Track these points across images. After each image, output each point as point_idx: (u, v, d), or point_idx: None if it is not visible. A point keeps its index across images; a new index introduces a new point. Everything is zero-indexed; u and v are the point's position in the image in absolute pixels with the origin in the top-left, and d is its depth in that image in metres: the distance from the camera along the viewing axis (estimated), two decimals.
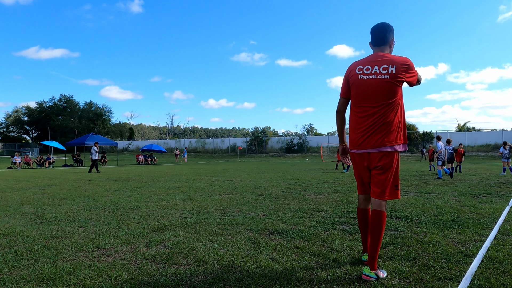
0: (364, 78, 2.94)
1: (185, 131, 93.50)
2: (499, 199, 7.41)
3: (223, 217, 5.52)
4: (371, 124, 2.91)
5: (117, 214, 5.86)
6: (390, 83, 2.86)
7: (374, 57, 3.00)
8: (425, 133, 46.39)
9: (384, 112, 2.88)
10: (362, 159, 3.03)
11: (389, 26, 3.06)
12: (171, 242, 4.04)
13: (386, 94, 2.87)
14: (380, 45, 3.05)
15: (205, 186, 10.57)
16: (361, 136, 2.96)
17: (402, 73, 2.88)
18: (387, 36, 3.04)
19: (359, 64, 3.02)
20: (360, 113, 2.97)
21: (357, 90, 2.99)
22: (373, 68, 2.93)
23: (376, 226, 2.90)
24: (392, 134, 2.90)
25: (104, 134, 67.91)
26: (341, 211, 6.00)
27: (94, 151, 20.51)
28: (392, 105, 2.89)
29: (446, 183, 11.21)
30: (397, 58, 2.92)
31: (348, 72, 3.08)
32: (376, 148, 2.91)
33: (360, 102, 2.98)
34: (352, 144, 3.07)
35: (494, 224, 4.83)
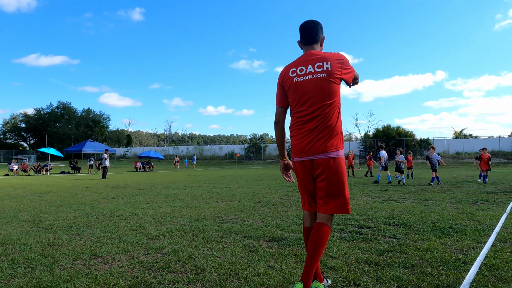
0: (300, 80, 2.69)
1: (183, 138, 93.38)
2: (496, 206, 7.43)
3: (221, 225, 5.50)
4: (313, 128, 2.64)
5: (115, 222, 5.84)
6: (328, 81, 2.63)
7: (306, 56, 2.75)
8: (422, 140, 46.52)
9: (325, 114, 2.63)
10: (305, 167, 2.71)
11: (319, 23, 2.84)
12: (169, 249, 4.03)
13: (325, 94, 2.63)
14: (311, 43, 2.80)
15: (203, 193, 10.54)
16: (302, 142, 2.68)
17: (338, 69, 2.65)
18: (318, 34, 2.81)
19: (292, 66, 2.77)
20: (301, 118, 2.70)
21: (294, 94, 2.72)
22: (307, 68, 2.69)
23: (318, 242, 2.56)
24: (335, 138, 2.65)
25: (102, 141, 67.75)
26: (339, 218, 5.99)
27: (104, 158, 21.18)
28: (333, 106, 2.65)
29: (444, 189, 11.23)
30: (330, 54, 2.69)
31: (281, 77, 2.81)
32: (320, 154, 2.62)
33: (299, 106, 2.71)
34: (294, 151, 2.77)
35: (491, 231, 4.84)
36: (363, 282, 2.97)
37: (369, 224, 5.42)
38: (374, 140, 48.28)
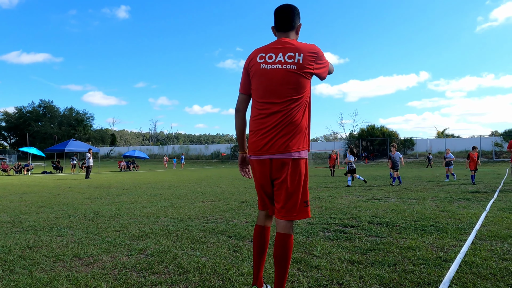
0: (267, 68, 2.43)
1: (169, 137, 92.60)
2: (476, 204, 7.59)
3: (206, 225, 5.48)
4: (275, 125, 2.38)
5: (97, 222, 5.75)
6: (297, 75, 2.38)
7: (278, 43, 2.49)
8: (406, 140, 47.26)
9: (290, 110, 2.38)
10: (264, 167, 2.45)
11: (297, 9, 2.57)
12: (152, 250, 3.98)
13: (292, 88, 2.39)
14: (286, 30, 2.55)
15: (188, 193, 10.48)
16: (262, 139, 2.41)
17: (311, 63, 2.41)
18: (294, 20, 2.55)
19: (261, 51, 2.50)
20: (262, 111, 2.43)
21: (259, 82, 2.46)
22: (277, 56, 2.42)
23: (283, 253, 2.39)
24: (299, 137, 2.42)
25: (85, 140, 66.70)
26: (323, 217, 6.03)
27: (87, 158, 20.95)
28: (300, 102, 2.41)
29: (427, 188, 11.42)
30: (304, 46, 2.45)
31: (248, 61, 2.54)
32: (281, 153, 2.38)
33: (262, 97, 2.45)
34: (252, 149, 2.48)
35: (471, 229, 4.94)
36: (346, 281, 2.99)
37: (353, 223, 5.47)
38: (359, 140, 48.82)
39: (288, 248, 2.40)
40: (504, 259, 3.53)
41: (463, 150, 42.97)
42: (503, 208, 6.93)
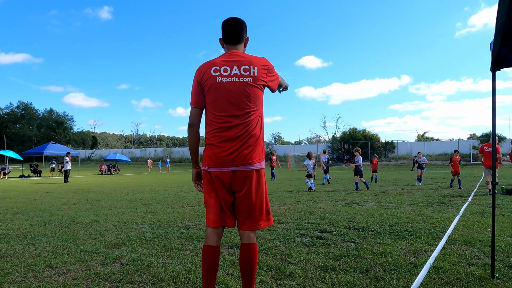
0: (224, 81, 2.43)
1: (151, 140, 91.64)
2: (451, 208, 7.79)
3: (184, 231, 5.46)
4: (237, 137, 2.40)
5: (73, 230, 5.67)
6: (253, 87, 2.44)
7: (231, 56, 2.51)
8: (387, 143, 48.02)
9: (250, 122, 2.43)
10: (225, 179, 2.43)
11: (244, 22, 2.61)
12: (128, 259, 3.96)
13: (250, 100, 2.44)
14: (235, 43, 2.58)
15: (169, 198, 10.41)
16: (224, 151, 2.40)
17: (264, 75, 2.49)
18: (242, 34, 2.59)
19: (214, 64, 2.48)
20: (222, 124, 2.43)
21: (216, 96, 2.44)
22: (232, 69, 2.44)
23: (251, 263, 2.44)
24: (259, 148, 2.48)
25: (65, 143, 65.35)
26: (301, 222, 6.10)
27: (65, 161, 20.61)
28: (257, 114, 2.47)
29: (405, 192, 11.65)
30: (256, 59, 2.52)
31: (201, 74, 2.49)
32: (244, 165, 2.41)
33: (221, 110, 2.44)
34: (212, 161, 2.44)
35: (444, 234, 5.07)
36: None
37: (330, 228, 5.55)
38: (341, 143, 49.35)
39: (255, 257, 2.46)
40: (471, 264, 3.65)
41: (442, 153, 43.96)
42: (476, 212, 7.14)
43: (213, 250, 2.44)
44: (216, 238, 2.48)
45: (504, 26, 2.25)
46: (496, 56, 2.92)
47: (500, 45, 2.70)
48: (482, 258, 3.85)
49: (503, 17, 2.07)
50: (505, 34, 2.57)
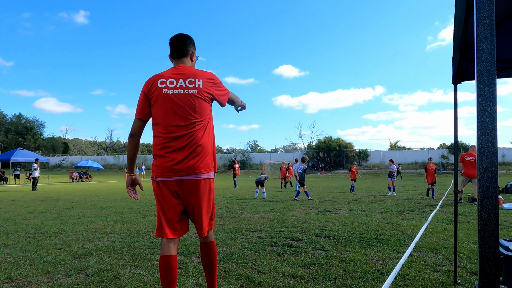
0: (169, 93, 2.53)
1: (125, 147, 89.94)
2: (420, 215, 8.00)
3: (154, 240, 5.36)
4: (183, 147, 2.49)
5: (38, 240, 5.46)
6: (198, 99, 2.55)
7: (177, 69, 2.63)
8: (361, 151, 48.96)
9: (195, 133, 2.52)
10: (173, 188, 2.51)
11: (190, 38, 2.77)
12: (93, 269, 3.84)
13: (196, 111, 2.54)
14: (180, 57, 2.72)
15: (141, 206, 10.21)
16: (171, 160, 2.48)
17: (210, 88, 2.61)
18: (187, 48, 2.73)
19: (161, 77, 2.60)
20: (168, 135, 2.51)
21: (162, 107, 2.54)
22: (178, 82, 2.56)
23: (211, 258, 2.69)
24: (206, 158, 2.56)
25: (35, 150, 63.21)
26: (274, 231, 6.10)
27: (33, 168, 19.99)
28: (202, 124, 2.56)
29: (377, 200, 11.88)
30: (202, 72, 2.65)
31: (147, 86, 2.61)
32: (191, 175, 2.49)
33: (166, 121, 2.53)
34: (160, 171, 2.51)
35: (411, 241, 5.19)
36: None
37: (301, 237, 5.57)
38: (316, 151, 49.94)
39: (215, 254, 2.73)
40: (436, 271, 3.74)
41: (414, 161, 45.18)
42: (443, 219, 7.36)
43: (166, 259, 2.46)
44: (169, 247, 2.48)
45: (462, 42, 2.36)
46: (457, 69, 3.05)
47: (460, 59, 2.82)
48: (447, 265, 3.96)
49: (459, 34, 2.16)
50: (464, 49, 2.69)
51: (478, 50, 1.08)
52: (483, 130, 1.09)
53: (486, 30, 1.07)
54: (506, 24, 2.30)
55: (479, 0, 1.10)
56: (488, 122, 1.09)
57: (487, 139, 1.08)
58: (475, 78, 1.11)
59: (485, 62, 1.07)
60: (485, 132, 1.09)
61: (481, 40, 1.08)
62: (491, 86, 1.08)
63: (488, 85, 1.08)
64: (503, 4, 2.03)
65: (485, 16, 1.08)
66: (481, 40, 1.07)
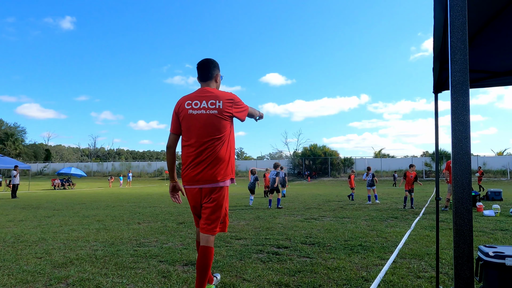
0: (194, 113, 2.97)
1: (110, 154, 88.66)
2: (403, 222, 8.10)
3: (138, 249, 5.29)
4: (202, 160, 2.91)
5: (17, 249, 5.32)
6: (218, 118, 2.94)
7: (202, 92, 3.05)
8: (346, 159, 49.40)
9: (214, 147, 2.91)
10: (195, 194, 3.00)
11: (214, 62, 3.15)
12: (75, 279, 3.76)
13: (215, 129, 2.93)
14: (205, 80, 3.11)
15: (125, 214, 10.07)
16: (193, 171, 2.93)
17: (229, 108, 2.98)
18: (211, 72, 3.11)
19: (188, 99, 3.04)
20: (191, 148, 2.95)
21: (187, 125, 2.99)
22: (201, 103, 2.97)
23: (203, 263, 2.90)
24: (222, 169, 2.95)
25: (15, 156, 61.80)
26: (259, 238, 6.09)
27: (13, 175, 19.60)
28: (222, 140, 2.95)
29: (361, 207, 11.98)
30: (222, 94, 3.01)
31: (178, 107, 3.07)
32: (208, 184, 2.93)
33: (191, 137, 2.96)
34: (186, 180, 3.00)
35: (395, 248, 5.25)
36: None
37: (287, 244, 5.58)
38: (302, 159, 50.16)
39: (210, 260, 2.93)
40: (419, 277, 3.79)
41: (398, 169, 45.77)
42: (426, 226, 7.46)
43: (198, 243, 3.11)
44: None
45: (441, 53, 2.42)
46: (437, 79, 3.12)
47: (440, 69, 2.89)
48: (429, 271, 4.01)
49: (439, 46, 2.22)
50: (443, 60, 2.76)
51: (452, 61, 1.12)
52: (457, 138, 1.12)
53: (459, 42, 1.11)
54: (485, 35, 2.38)
55: (452, 13, 1.14)
56: (462, 130, 1.12)
57: (461, 146, 1.12)
58: (449, 88, 1.15)
59: (458, 72, 1.11)
60: (459, 140, 1.12)
61: (454, 51, 1.11)
62: (465, 96, 1.12)
63: (461, 95, 1.12)
64: (480, 15, 2.11)
65: (458, 29, 1.12)
66: (454, 52, 1.11)
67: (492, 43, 2.49)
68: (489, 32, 2.30)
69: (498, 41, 2.45)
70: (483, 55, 2.66)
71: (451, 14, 1.13)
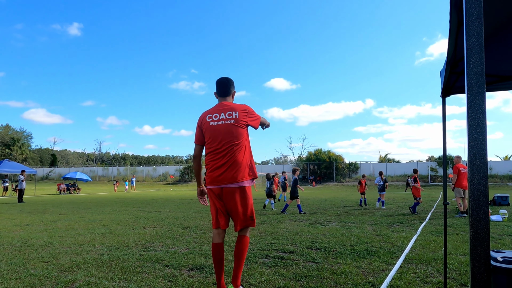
0: (215, 124, 3.43)
1: (115, 158, 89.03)
2: (409, 227, 8.04)
3: (144, 253, 5.29)
4: (223, 163, 3.35)
5: (24, 253, 5.35)
6: (236, 126, 3.38)
7: (220, 106, 3.51)
8: (350, 164, 49.21)
9: (234, 152, 3.35)
10: (218, 194, 3.40)
11: (231, 80, 3.63)
12: (81, 283, 3.77)
13: (234, 136, 3.37)
14: (224, 96, 3.59)
15: (130, 219, 10.09)
16: (215, 173, 3.37)
17: (244, 117, 3.43)
18: (230, 89, 3.61)
19: (208, 113, 3.51)
20: (214, 154, 3.41)
21: (210, 135, 3.44)
22: (220, 115, 3.44)
23: (241, 249, 3.38)
24: (241, 171, 3.36)
25: (22, 161, 62.24)
26: (265, 243, 6.08)
27: (20, 180, 19.71)
28: (240, 146, 3.38)
29: (367, 212, 11.92)
30: (238, 106, 3.49)
31: (200, 121, 3.54)
32: (229, 184, 3.34)
33: (213, 145, 3.42)
34: (209, 181, 3.45)
35: (401, 253, 5.21)
36: None
37: (292, 249, 5.56)
38: (306, 163, 50.05)
39: (246, 246, 3.40)
40: (426, 282, 3.76)
41: (403, 174, 45.51)
42: (432, 231, 7.41)
43: (216, 246, 3.39)
44: (218, 237, 3.42)
45: (452, 56, 2.42)
46: (446, 83, 3.12)
47: (449, 73, 2.89)
48: (436, 276, 3.98)
49: (451, 49, 2.22)
50: (453, 63, 2.76)
51: (468, 64, 1.12)
52: (473, 141, 1.12)
53: (475, 45, 1.11)
54: (494, 39, 2.38)
55: (468, 15, 1.14)
56: (478, 133, 1.12)
57: (477, 149, 1.11)
58: (465, 91, 1.15)
59: (475, 75, 1.11)
60: (476, 143, 1.12)
61: (470, 54, 1.11)
62: (481, 99, 1.12)
63: (477, 98, 1.12)
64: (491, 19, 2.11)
65: (474, 31, 1.12)
66: (470, 55, 1.11)
67: (500, 47, 2.48)
68: (497, 37, 2.30)
69: (506, 46, 2.45)
70: (491, 59, 2.65)
71: (467, 18, 1.13)
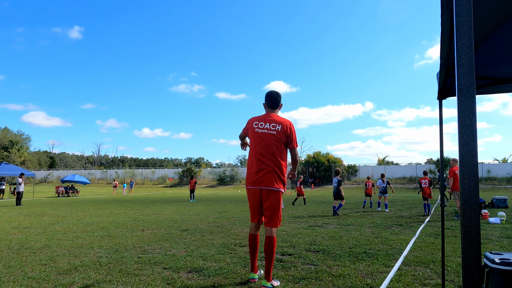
0: (259, 131, 3.89)
1: (114, 161, 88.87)
2: (408, 230, 8.05)
3: (142, 256, 5.29)
4: (263, 168, 3.79)
5: (22, 255, 5.33)
6: (276, 137, 3.84)
7: (267, 116, 3.98)
8: (349, 166, 49.25)
9: (272, 159, 3.78)
10: (256, 194, 3.86)
11: (280, 95, 4.07)
12: (79, 285, 3.77)
13: (273, 146, 3.81)
14: (273, 108, 4.06)
15: (128, 221, 10.07)
16: (256, 175, 3.82)
17: (283, 132, 3.87)
18: (278, 103, 4.07)
19: (256, 120, 4.00)
20: (255, 157, 3.86)
21: (253, 139, 3.93)
22: (265, 124, 3.90)
23: (270, 249, 3.74)
24: (277, 178, 3.79)
25: (20, 164, 62.11)
26: (263, 245, 6.06)
27: (18, 183, 19.64)
28: (277, 155, 3.80)
29: (366, 214, 11.92)
30: (283, 120, 3.92)
31: (249, 123, 4.05)
32: (267, 187, 3.78)
33: (255, 149, 3.88)
34: (248, 181, 3.90)
35: (400, 255, 5.22)
36: None
37: (291, 251, 5.56)
38: (305, 166, 50.06)
39: (274, 246, 3.76)
40: (424, 284, 3.77)
41: (401, 176, 45.58)
42: (431, 233, 7.42)
43: (252, 236, 3.96)
44: (254, 229, 3.98)
45: (447, 59, 2.44)
46: (442, 86, 3.13)
47: (445, 76, 2.90)
48: (435, 279, 3.99)
49: (445, 52, 2.24)
50: (449, 66, 2.77)
51: (458, 66, 1.13)
52: (464, 141, 1.13)
53: (465, 46, 1.13)
54: (488, 43, 2.39)
55: (458, 19, 1.16)
56: (468, 134, 1.13)
57: (468, 149, 1.13)
58: (456, 92, 1.16)
59: (464, 76, 1.13)
60: (466, 143, 1.13)
61: (460, 56, 1.13)
62: (471, 99, 1.13)
63: (468, 99, 1.13)
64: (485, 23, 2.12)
65: (464, 34, 1.13)
66: (460, 56, 1.13)
67: (497, 50, 2.50)
68: (494, 40, 2.32)
69: (503, 49, 2.47)
70: (488, 62, 2.67)
71: (457, 20, 1.15)
